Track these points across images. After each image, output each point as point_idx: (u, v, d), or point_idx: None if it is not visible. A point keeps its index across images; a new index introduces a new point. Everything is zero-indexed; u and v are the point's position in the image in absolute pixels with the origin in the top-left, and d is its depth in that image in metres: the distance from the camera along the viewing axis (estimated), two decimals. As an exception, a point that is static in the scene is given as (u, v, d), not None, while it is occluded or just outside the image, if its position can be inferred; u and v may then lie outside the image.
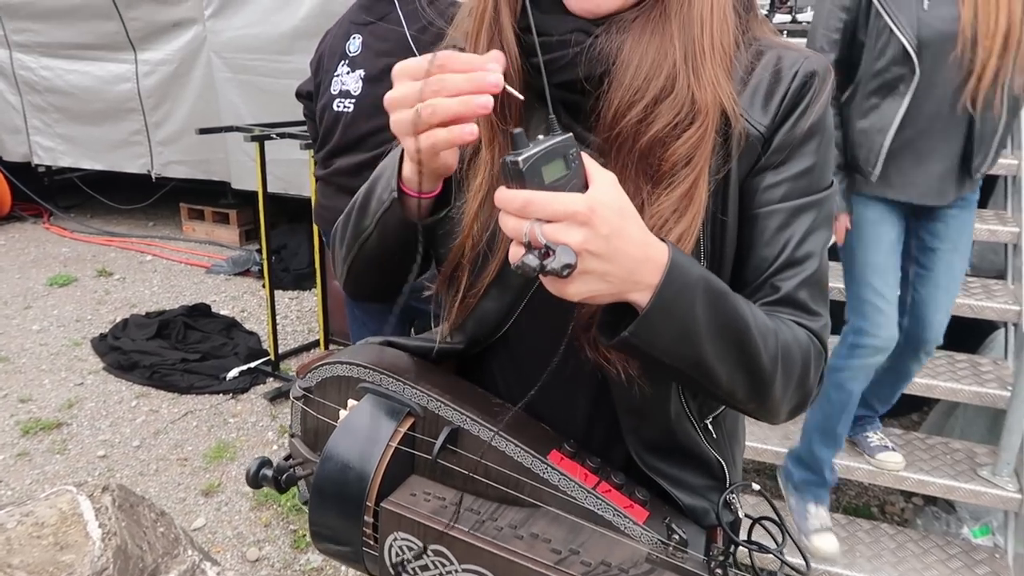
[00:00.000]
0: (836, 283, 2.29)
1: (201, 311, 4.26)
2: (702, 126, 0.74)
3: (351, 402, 0.83)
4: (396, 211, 0.77)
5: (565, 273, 0.58)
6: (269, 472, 0.84)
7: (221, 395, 3.52)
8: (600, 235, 0.60)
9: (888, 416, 3.18)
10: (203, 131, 3.68)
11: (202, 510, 2.75)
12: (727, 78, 0.76)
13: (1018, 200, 2.69)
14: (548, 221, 0.59)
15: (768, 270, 0.80)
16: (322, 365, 0.84)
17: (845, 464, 2.41)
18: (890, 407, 2.50)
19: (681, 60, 0.74)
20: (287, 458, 0.87)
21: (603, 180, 0.63)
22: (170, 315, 4.13)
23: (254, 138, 3.33)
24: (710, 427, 0.86)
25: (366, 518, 0.76)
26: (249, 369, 3.65)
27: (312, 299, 4.69)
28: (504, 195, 0.61)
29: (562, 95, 0.79)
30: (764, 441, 2.50)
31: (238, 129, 3.58)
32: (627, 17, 0.76)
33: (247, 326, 4.21)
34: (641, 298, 0.65)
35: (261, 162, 3.39)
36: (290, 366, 3.79)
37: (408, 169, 0.74)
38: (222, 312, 4.39)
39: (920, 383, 2.45)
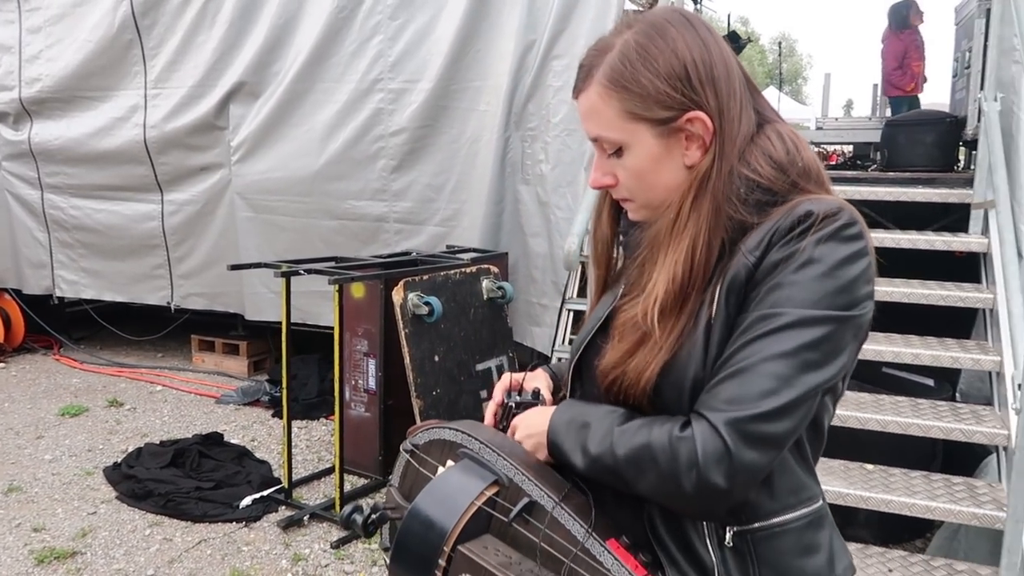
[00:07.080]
0: None
1: (214, 440, 4.34)
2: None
3: (450, 462, 0.99)
4: None
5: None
6: (359, 518, 1.01)
7: (234, 523, 3.55)
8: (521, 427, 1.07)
9: (892, 542, 3.24)
10: (234, 267, 3.91)
11: (215, 638, 2.74)
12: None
13: (996, 332, 2.90)
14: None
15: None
16: (433, 428, 1.01)
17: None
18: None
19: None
20: (374, 509, 1.03)
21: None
22: (184, 444, 4.21)
23: (283, 274, 3.55)
24: (733, 541, 0.95)
25: (440, 561, 0.90)
26: (262, 497, 3.70)
27: (321, 428, 4.78)
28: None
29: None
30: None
31: (267, 265, 3.80)
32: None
33: (257, 455, 4.27)
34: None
35: (287, 296, 3.60)
36: (302, 494, 3.84)
37: None
38: (233, 441, 4.46)
39: (920, 504, 2.56)
